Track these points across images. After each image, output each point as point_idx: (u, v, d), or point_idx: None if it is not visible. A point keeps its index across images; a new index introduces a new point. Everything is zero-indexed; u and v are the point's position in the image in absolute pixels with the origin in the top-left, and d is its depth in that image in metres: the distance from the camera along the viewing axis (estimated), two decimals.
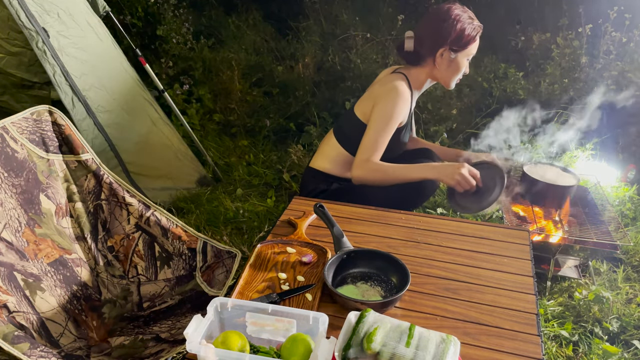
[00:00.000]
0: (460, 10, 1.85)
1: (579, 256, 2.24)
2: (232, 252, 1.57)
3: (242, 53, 4.06)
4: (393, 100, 1.85)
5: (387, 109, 1.85)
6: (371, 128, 1.87)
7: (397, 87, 1.86)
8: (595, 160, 2.95)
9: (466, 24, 1.83)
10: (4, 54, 2.71)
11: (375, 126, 1.86)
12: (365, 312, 0.94)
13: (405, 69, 1.97)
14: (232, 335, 0.98)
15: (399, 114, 1.86)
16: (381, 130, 1.85)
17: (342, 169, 2.05)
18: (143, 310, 1.52)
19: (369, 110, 1.91)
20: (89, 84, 2.33)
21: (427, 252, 1.43)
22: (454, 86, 1.98)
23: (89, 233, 1.54)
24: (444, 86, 1.99)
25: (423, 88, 2.02)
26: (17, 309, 1.19)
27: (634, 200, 2.63)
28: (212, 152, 3.33)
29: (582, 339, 1.85)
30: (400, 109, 1.86)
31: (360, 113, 1.96)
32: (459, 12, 1.84)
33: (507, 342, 1.09)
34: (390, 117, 1.85)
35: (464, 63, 1.90)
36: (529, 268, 1.35)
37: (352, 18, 3.96)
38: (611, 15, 3.04)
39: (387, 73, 2.05)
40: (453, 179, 1.77)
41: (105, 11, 2.64)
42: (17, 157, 1.37)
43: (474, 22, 1.85)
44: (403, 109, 1.88)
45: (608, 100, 2.98)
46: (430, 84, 2.03)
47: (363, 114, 1.94)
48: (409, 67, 1.97)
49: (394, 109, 1.85)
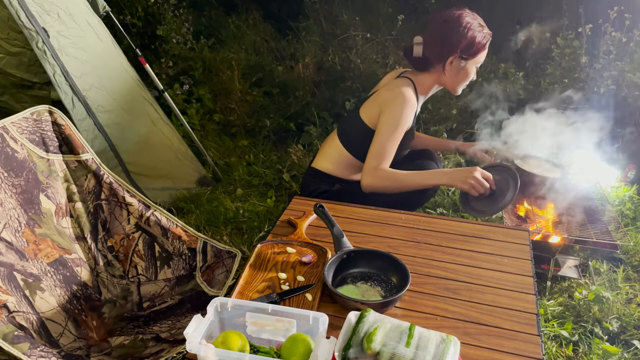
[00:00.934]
0: (471, 17, 1.81)
1: (579, 256, 2.24)
2: (232, 252, 1.57)
3: (242, 53, 4.06)
4: (400, 106, 1.82)
5: (395, 116, 1.82)
6: (379, 135, 1.84)
7: (403, 92, 1.83)
8: (595, 160, 2.95)
9: (477, 32, 1.80)
10: (4, 54, 2.71)
11: (384, 133, 1.83)
12: (365, 312, 0.94)
13: (412, 73, 1.94)
14: (232, 335, 0.98)
15: (406, 120, 1.84)
16: (389, 136, 1.83)
17: (344, 171, 2.04)
18: (143, 310, 1.52)
19: (376, 115, 1.89)
20: (89, 84, 2.33)
21: (427, 252, 1.43)
22: (460, 92, 1.96)
23: (89, 233, 1.54)
24: (451, 92, 1.97)
25: (429, 93, 2.00)
26: (16, 309, 1.19)
27: (634, 200, 2.63)
28: (212, 152, 3.33)
29: (582, 339, 1.85)
30: (407, 114, 1.84)
31: (366, 117, 1.94)
32: (470, 20, 1.79)
33: (507, 342, 1.09)
34: (397, 124, 1.82)
35: (472, 70, 1.87)
36: (529, 268, 1.35)
37: (352, 18, 3.96)
38: (611, 15, 3.04)
39: (392, 77, 2.02)
40: (466, 184, 1.74)
41: (105, 11, 2.64)
42: (17, 157, 1.37)
43: (484, 30, 1.82)
44: (410, 115, 1.86)
45: (608, 100, 2.98)
46: (436, 89, 2.00)
47: (369, 118, 1.92)
48: (415, 73, 1.94)
49: (401, 116, 1.82)
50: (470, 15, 1.81)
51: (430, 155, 2.16)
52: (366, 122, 1.93)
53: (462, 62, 1.83)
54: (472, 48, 1.81)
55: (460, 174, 1.76)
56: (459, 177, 1.76)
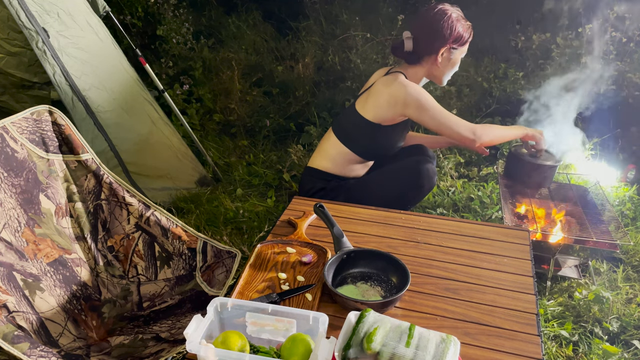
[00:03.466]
0: (454, 9, 1.91)
1: (579, 256, 2.24)
2: (232, 252, 1.57)
3: (242, 53, 4.06)
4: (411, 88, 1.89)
5: (420, 97, 1.89)
6: (435, 118, 1.91)
7: (402, 81, 1.91)
8: (595, 160, 2.95)
9: (462, 23, 1.90)
10: (4, 54, 2.71)
11: (433, 114, 1.90)
12: (365, 312, 0.94)
13: (403, 68, 2.00)
14: (232, 335, 0.98)
15: (423, 91, 1.91)
16: (437, 109, 1.91)
17: (342, 167, 2.08)
18: (143, 310, 1.52)
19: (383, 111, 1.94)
20: (89, 84, 2.33)
21: (427, 252, 1.43)
22: (445, 83, 2.05)
23: (89, 233, 1.54)
24: (437, 83, 2.05)
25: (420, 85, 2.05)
26: (16, 309, 1.19)
27: (634, 200, 2.63)
28: (212, 152, 3.33)
29: (582, 339, 1.85)
30: (419, 88, 1.92)
31: (364, 112, 1.98)
32: (455, 13, 1.90)
33: (507, 342, 1.09)
34: (426, 98, 1.89)
35: (459, 61, 1.98)
36: (529, 268, 1.35)
37: (352, 18, 3.96)
38: (611, 15, 3.04)
39: (381, 74, 2.07)
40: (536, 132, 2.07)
41: (105, 11, 2.64)
42: (17, 157, 1.37)
43: (467, 22, 1.93)
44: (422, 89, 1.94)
45: (608, 100, 2.98)
46: (425, 82, 2.08)
47: (377, 116, 1.96)
48: (406, 67, 2.00)
49: (419, 92, 1.89)
50: (451, 8, 1.92)
51: (425, 152, 2.19)
52: (364, 115, 1.98)
53: (452, 53, 1.93)
54: (461, 38, 1.91)
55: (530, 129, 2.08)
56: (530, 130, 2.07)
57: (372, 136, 2.00)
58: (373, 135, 1.99)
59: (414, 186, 1.95)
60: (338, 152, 2.06)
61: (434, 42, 1.90)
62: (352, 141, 2.03)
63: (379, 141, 2.03)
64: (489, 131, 1.97)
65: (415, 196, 2.01)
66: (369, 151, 2.08)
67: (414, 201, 2.06)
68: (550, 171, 2.19)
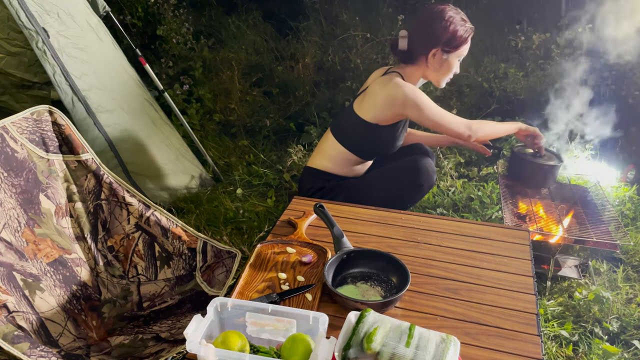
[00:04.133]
0: (454, 12, 1.88)
1: (579, 256, 2.24)
2: (232, 252, 1.57)
3: (242, 53, 4.06)
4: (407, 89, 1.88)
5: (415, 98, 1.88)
6: (432, 117, 1.90)
7: (397, 82, 1.90)
8: (595, 160, 2.95)
9: (459, 25, 1.87)
10: (4, 54, 2.71)
11: (430, 113, 1.89)
12: (365, 312, 0.94)
13: (400, 68, 2.00)
14: (232, 335, 0.98)
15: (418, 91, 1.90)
16: (433, 108, 1.90)
17: (341, 167, 2.08)
18: (143, 310, 1.52)
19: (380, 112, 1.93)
20: (89, 84, 2.32)
21: (427, 252, 1.43)
22: (444, 85, 2.03)
23: (89, 233, 1.54)
24: (435, 85, 2.04)
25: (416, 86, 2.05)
26: (16, 309, 1.19)
27: (634, 200, 2.63)
28: (212, 152, 3.32)
29: (582, 339, 1.85)
30: (415, 88, 1.90)
31: (362, 112, 1.98)
32: (452, 14, 1.87)
33: (507, 342, 1.09)
34: (421, 98, 1.88)
35: (455, 64, 1.95)
36: (529, 268, 1.35)
37: (352, 18, 3.96)
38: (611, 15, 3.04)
39: (378, 74, 2.07)
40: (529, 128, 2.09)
41: (105, 11, 2.64)
42: (17, 157, 1.37)
43: (466, 24, 1.89)
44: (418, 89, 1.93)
45: (608, 100, 2.98)
46: (422, 82, 2.07)
47: (374, 117, 1.96)
48: (403, 67, 2.00)
49: (414, 92, 1.88)
50: (452, 9, 1.89)
51: (425, 151, 2.19)
52: (362, 116, 1.98)
53: (444, 55, 1.90)
54: (455, 41, 1.88)
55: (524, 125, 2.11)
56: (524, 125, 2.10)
57: (370, 136, 2.00)
58: (371, 135, 1.99)
59: (413, 185, 1.95)
60: (337, 152, 2.06)
61: (425, 42, 1.89)
62: (350, 141, 2.04)
63: (377, 141, 2.03)
64: (484, 126, 1.99)
65: (415, 195, 2.02)
66: (368, 151, 2.08)
67: (414, 200, 2.06)
68: (553, 171, 2.20)
